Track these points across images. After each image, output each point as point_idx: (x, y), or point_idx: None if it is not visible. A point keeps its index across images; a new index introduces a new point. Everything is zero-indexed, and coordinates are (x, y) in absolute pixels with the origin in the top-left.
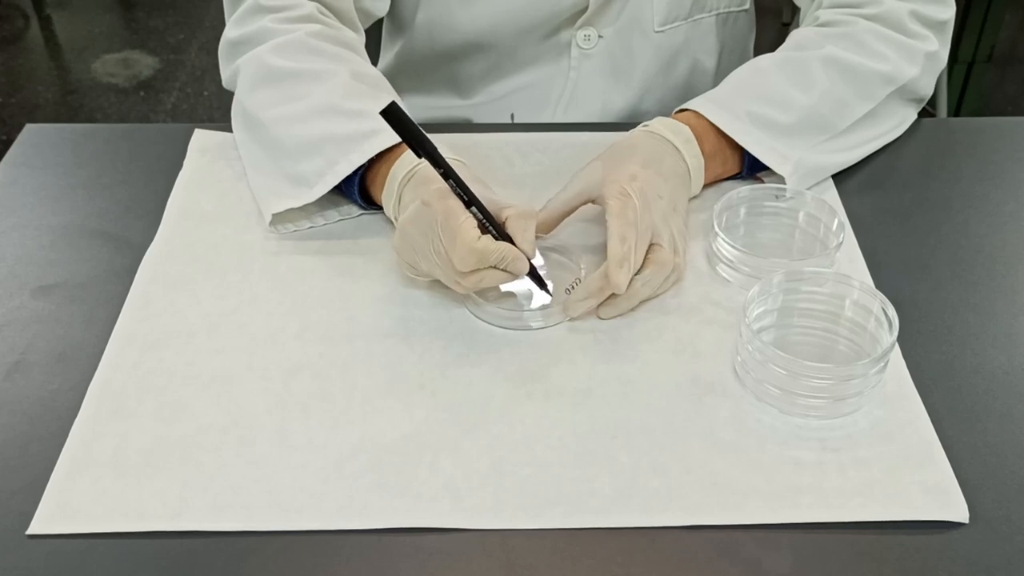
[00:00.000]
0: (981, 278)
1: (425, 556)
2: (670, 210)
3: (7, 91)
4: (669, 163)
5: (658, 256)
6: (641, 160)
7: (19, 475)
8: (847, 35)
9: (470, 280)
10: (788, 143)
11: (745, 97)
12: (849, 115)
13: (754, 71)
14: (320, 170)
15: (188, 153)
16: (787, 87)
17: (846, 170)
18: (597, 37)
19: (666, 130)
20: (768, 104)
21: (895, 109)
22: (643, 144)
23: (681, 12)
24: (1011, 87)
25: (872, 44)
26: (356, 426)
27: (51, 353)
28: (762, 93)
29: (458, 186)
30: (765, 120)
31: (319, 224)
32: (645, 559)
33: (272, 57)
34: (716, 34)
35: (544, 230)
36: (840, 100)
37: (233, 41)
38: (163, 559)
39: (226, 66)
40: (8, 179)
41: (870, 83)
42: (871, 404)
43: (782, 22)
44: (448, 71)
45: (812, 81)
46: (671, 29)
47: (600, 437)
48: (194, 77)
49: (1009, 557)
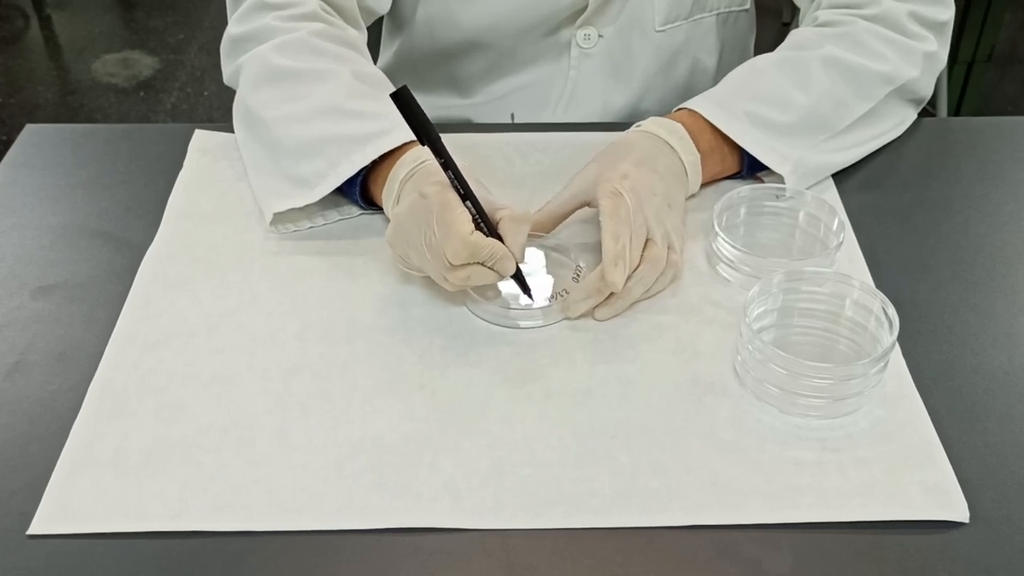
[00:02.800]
0: (981, 278)
1: (425, 556)
2: (664, 207)
3: (7, 91)
4: (664, 161)
5: (650, 252)
6: (635, 159)
7: (19, 475)
8: (846, 35)
9: (458, 275)
10: (787, 143)
11: (743, 97)
12: (848, 115)
13: (752, 71)
14: (322, 171)
15: (188, 153)
16: (786, 87)
17: (846, 170)
18: (597, 36)
19: (660, 129)
20: (767, 104)
21: (894, 109)
22: (637, 143)
23: (682, 12)
24: (1011, 87)
25: (871, 44)
26: (356, 426)
27: (51, 353)
28: (761, 93)
29: (456, 179)
30: (764, 120)
31: (319, 224)
32: (645, 559)
33: (275, 56)
34: (716, 33)
35: (542, 232)
36: (839, 100)
37: (236, 38)
38: (163, 559)
39: (228, 63)
40: (8, 179)
41: (869, 83)
42: (871, 404)
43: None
44: (448, 70)
45: (811, 81)
46: (671, 29)
47: (600, 437)
48: (194, 77)
49: (1009, 557)
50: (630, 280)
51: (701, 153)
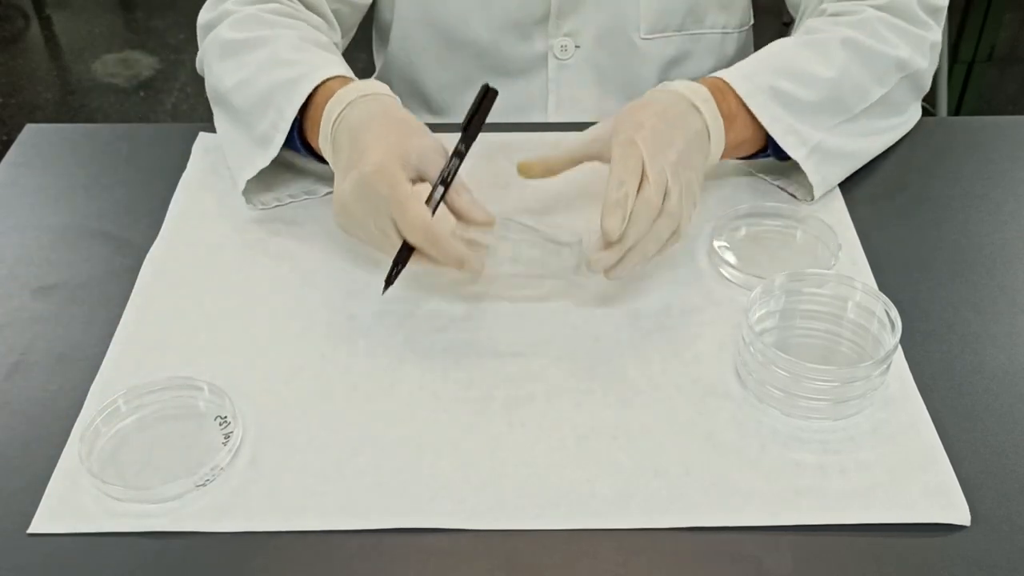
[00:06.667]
0: (982, 278)
1: (425, 556)
2: (679, 163)
3: (7, 91)
4: (686, 120)
5: (643, 193)
6: (654, 111)
7: (19, 475)
8: (858, 23)
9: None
10: (808, 122)
11: (769, 71)
12: (864, 97)
13: (778, 49)
14: (274, 121)
15: (192, 153)
16: (810, 64)
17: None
18: (574, 47)
19: (685, 89)
20: (791, 79)
21: (907, 100)
22: (659, 98)
23: (672, 22)
24: (1011, 87)
25: (883, 32)
26: (356, 426)
27: (51, 354)
28: (785, 67)
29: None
30: (787, 96)
31: (285, 202)
32: (645, 560)
33: (227, 32)
34: (718, 51)
35: (548, 172)
36: (857, 80)
37: (202, 25)
38: (163, 559)
39: (200, 51)
40: (8, 179)
41: (884, 67)
42: (873, 406)
43: (782, 22)
44: (430, 77)
45: (833, 60)
46: (661, 39)
47: (601, 438)
48: (194, 77)
49: (1010, 557)
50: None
51: (724, 119)
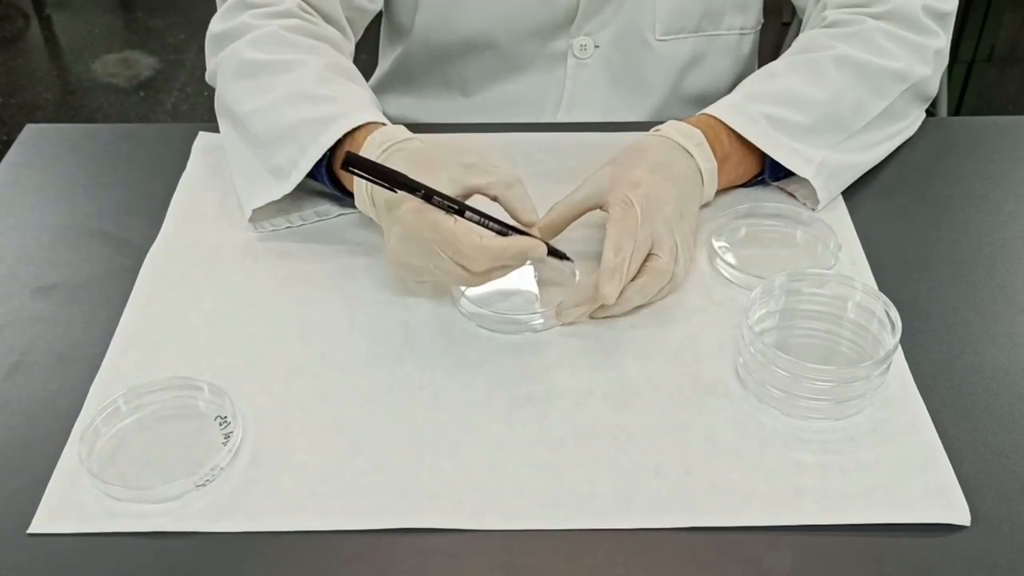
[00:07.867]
0: (981, 278)
1: (425, 556)
2: (676, 217)
3: (7, 91)
4: (679, 168)
5: (656, 265)
6: (649, 165)
7: (19, 475)
8: (856, 35)
9: (483, 278)
10: (808, 142)
11: (760, 100)
12: (865, 114)
13: (767, 75)
14: (294, 157)
15: (192, 153)
16: (801, 86)
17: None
18: (593, 47)
19: (677, 134)
20: (784, 105)
21: (908, 107)
22: (653, 148)
23: (688, 24)
24: (1011, 87)
25: (882, 43)
26: (356, 426)
27: (51, 354)
28: (777, 95)
29: (444, 199)
30: (782, 122)
31: (296, 224)
32: (645, 560)
33: (247, 50)
34: (735, 52)
35: (549, 234)
36: (855, 99)
37: (216, 36)
38: (163, 559)
39: (210, 60)
40: (8, 179)
41: (883, 81)
42: (873, 406)
43: (782, 22)
44: (445, 75)
45: (826, 80)
46: (676, 40)
47: (601, 438)
48: (194, 77)
49: (1010, 557)
50: (630, 290)
51: (718, 160)
